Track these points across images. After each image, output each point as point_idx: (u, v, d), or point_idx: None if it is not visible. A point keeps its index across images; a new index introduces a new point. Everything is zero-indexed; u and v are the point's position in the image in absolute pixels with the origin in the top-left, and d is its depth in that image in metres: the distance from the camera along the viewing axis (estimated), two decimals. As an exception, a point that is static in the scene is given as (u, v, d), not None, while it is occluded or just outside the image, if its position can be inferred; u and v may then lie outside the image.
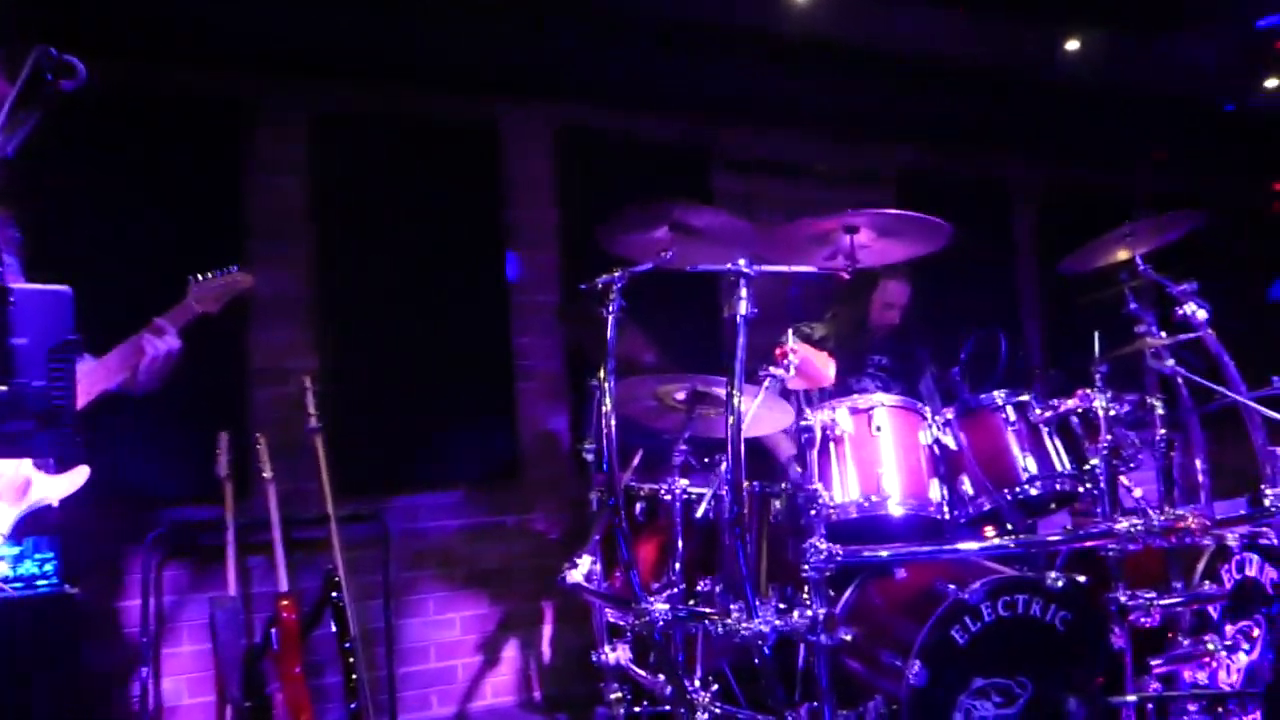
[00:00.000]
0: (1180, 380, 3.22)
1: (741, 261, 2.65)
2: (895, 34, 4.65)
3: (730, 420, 2.58)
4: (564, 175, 4.50)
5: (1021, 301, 5.76)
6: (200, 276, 2.46)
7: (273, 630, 3.20)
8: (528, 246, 4.37)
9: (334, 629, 3.28)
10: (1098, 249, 3.44)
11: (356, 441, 3.82)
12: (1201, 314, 3.24)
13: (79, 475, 1.89)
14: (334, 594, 3.24)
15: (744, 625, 2.54)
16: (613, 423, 2.81)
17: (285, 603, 3.18)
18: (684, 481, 3.20)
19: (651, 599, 2.85)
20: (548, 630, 4.21)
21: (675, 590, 3.03)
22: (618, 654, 3.47)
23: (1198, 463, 3.34)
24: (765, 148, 5.00)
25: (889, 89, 4.98)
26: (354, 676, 3.18)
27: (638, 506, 3.46)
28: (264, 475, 3.37)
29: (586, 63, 4.36)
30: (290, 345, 3.86)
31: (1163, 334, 3.19)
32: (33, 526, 1.79)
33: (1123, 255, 3.39)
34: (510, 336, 4.25)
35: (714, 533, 3.41)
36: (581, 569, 3.46)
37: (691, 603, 3.05)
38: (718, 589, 3.32)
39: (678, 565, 3.11)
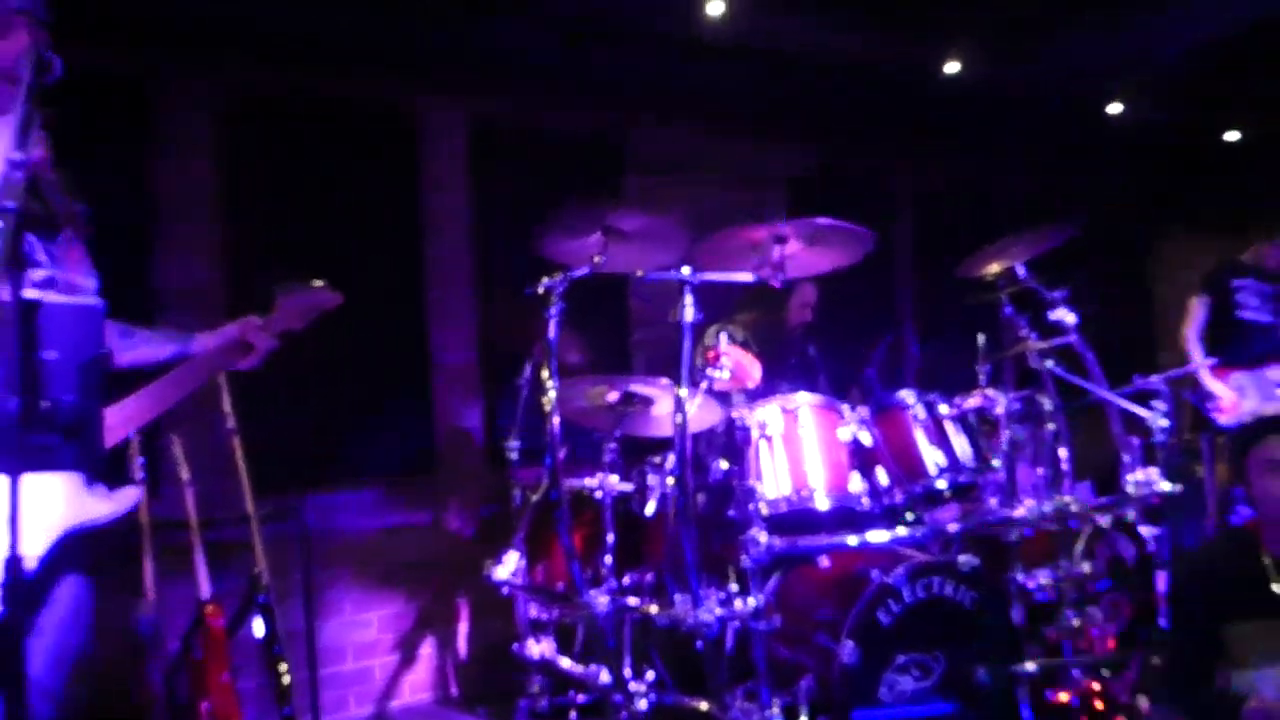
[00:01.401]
0: (1051, 379, 3.58)
1: (686, 269, 2.78)
2: (793, 36, 4.87)
3: (677, 419, 2.71)
4: (479, 169, 4.51)
5: (898, 303, 6.13)
6: (291, 289, 2.35)
7: (193, 638, 3.11)
8: (442, 239, 4.36)
9: (260, 633, 3.21)
10: (986, 255, 3.75)
11: (270, 438, 3.73)
12: (1071, 318, 3.61)
13: (129, 496, 1.82)
14: (260, 596, 3.18)
15: (690, 614, 2.68)
16: (557, 421, 2.90)
17: (210, 608, 3.10)
18: (614, 478, 3.32)
19: (591, 591, 2.96)
20: (463, 627, 4.23)
21: (610, 583, 3.14)
22: (541, 647, 3.56)
23: (1062, 452, 3.70)
24: (673, 148, 5.13)
25: (785, 90, 5.20)
26: (284, 681, 3.13)
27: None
28: (182, 477, 3.26)
29: (501, 56, 4.38)
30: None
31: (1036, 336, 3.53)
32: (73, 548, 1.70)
33: (1002, 264, 3.71)
34: (427, 330, 4.24)
35: (639, 526, 3.55)
36: (508, 565, 3.53)
37: (623, 595, 3.18)
38: (646, 579, 3.47)
39: (609, 558, 3.23)
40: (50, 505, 1.36)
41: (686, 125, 5.12)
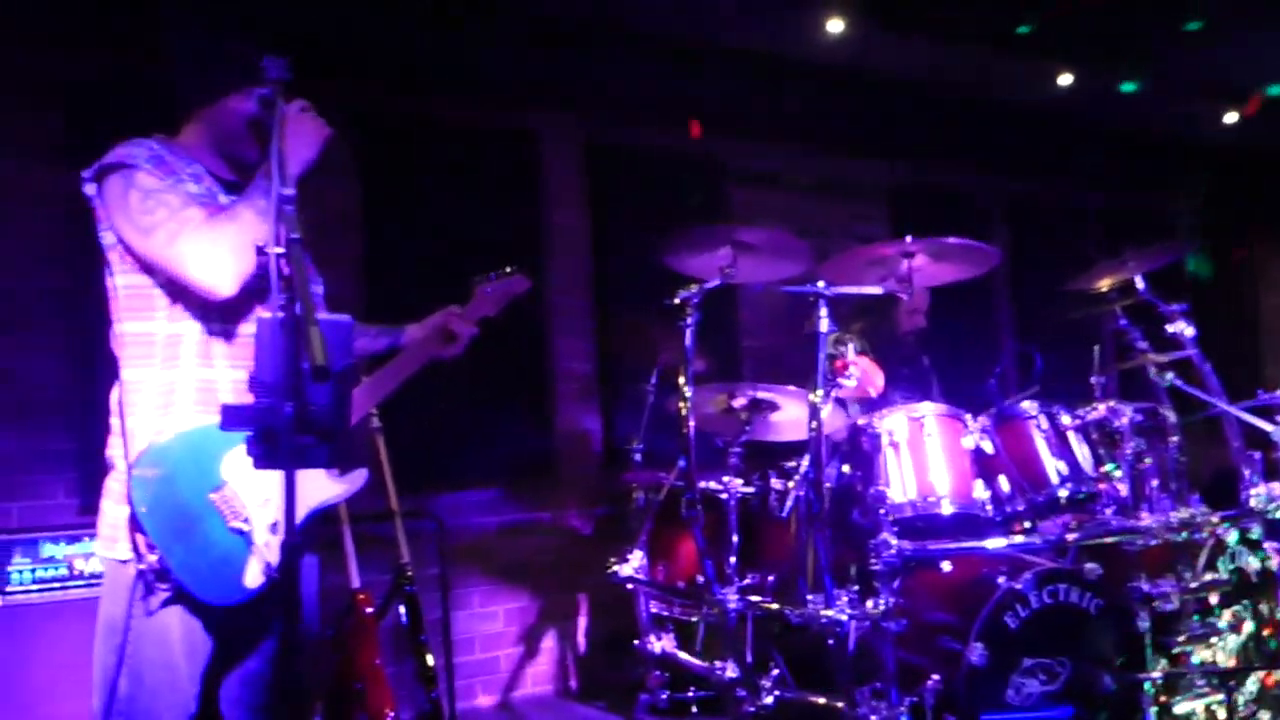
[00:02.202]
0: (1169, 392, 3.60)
1: (820, 283, 2.91)
2: (894, 57, 4.99)
3: (813, 425, 2.84)
4: (593, 186, 4.70)
5: (996, 315, 6.12)
6: (486, 278, 2.52)
7: (345, 623, 3.34)
8: (562, 253, 4.56)
9: (405, 621, 3.43)
10: (1101, 269, 3.80)
11: (406, 441, 3.96)
12: (1190, 331, 3.63)
13: (358, 477, 2.05)
14: (406, 587, 3.40)
15: (823, 613, 2.80)
16: (692, 426, 3.06)
17: (362, 597, 3.32)
18: (739, 481, 3.46)
19: (724, 590, 3.10)
20: (582, 622, 4.41)
21: (736, 582, 3.27)
22: (662, 643, 3.71)
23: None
24: (770, 163, 5.26)
25: (882, 110, 5.31)
26: (430, 666, 3.34)
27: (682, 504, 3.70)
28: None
29: (615, 82, 4.60)
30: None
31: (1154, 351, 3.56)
32: (310, 527, 1.93)
33: (1116, 278, 3.75)
34: (549, 339, 4.44)
35: (761, 528, 3.68)
36: (633, 563, 3.70)
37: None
38: (768, 580, 3.60)
39: (733, 559, 3.37)
40: (300, 488, 1.56)
41: (784, 141, 5.26)
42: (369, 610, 3.31)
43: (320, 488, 1.95)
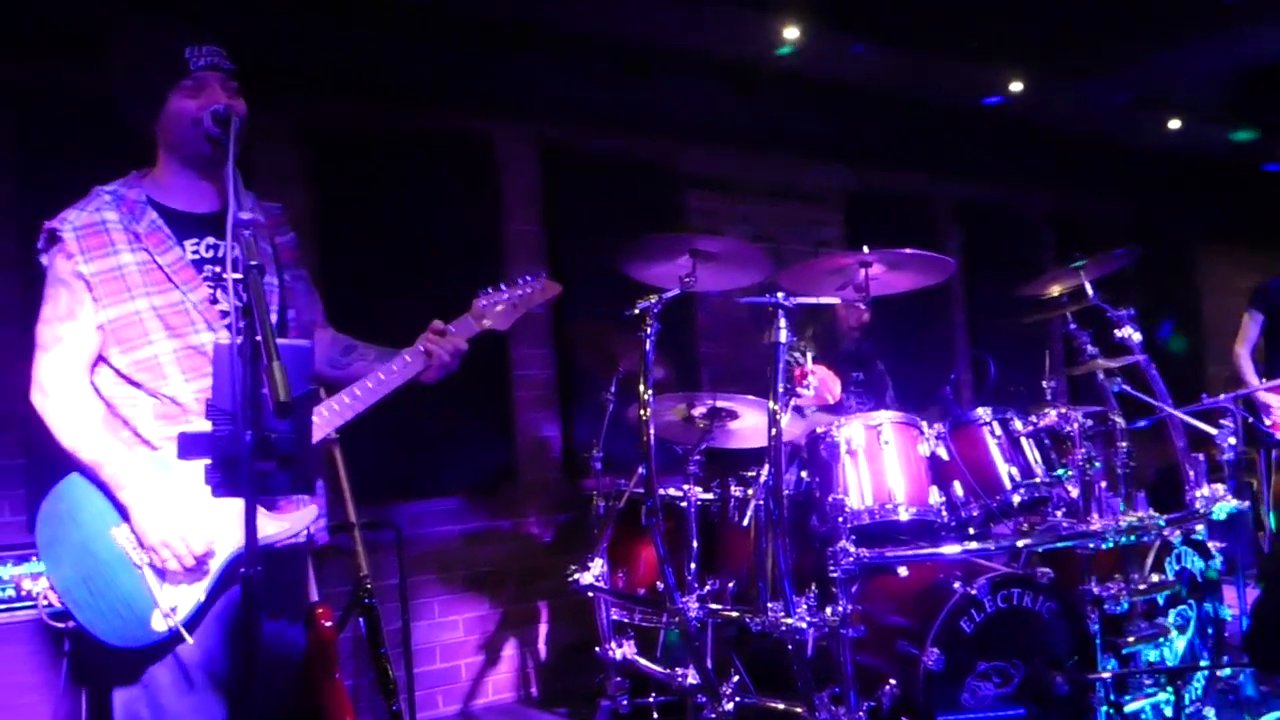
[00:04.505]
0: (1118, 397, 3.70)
1: (780, 294, 2.93)
2: (849, 65, 5.05)
3: (772, 433, 2.87)
4: (549, 192, 4.69)
5: (952, 318, 6.22)
6: (491, 290, 2.37)
7: (304, 638, 3.29)
8: (518, 259, 4.55)
9: (364, 633, 3.40)
10: (1051, 275, 3.89)
11: (364, 451, 3.92)
12: (1137, 337, 3.73)
13: (302, 519, 2.00)
14: (366, 599, 3.37)
15: (783, 621, 2.83)
16: (652, 434, 3.07)
17: (321, 610, 3.28)
18: (698, 488, 3.48)
19: (684, 597, 3.12)
20: (543, 629, 4.41)
21: (695, 589, 3.29)
22: (623, 649, 3.72)
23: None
24: (726, 168, 5.30)
25: (838, 116, 5.37)
26: (391, 677, 3.31)
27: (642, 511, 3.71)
28: (290, 487, 3.45)
29: (570, 87, 4.58)
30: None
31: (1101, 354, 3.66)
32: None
33: (1065, 284, 3.84)
34: (508, 346, 4.42)
35: (720, 535, 3.71)
36: (594, 571, 3.71)
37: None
38: (729, 586, 3.63)
39: (693, 566, 3.39)
40: (231, 525, 1.54)
41: (738, 147, 5.29)
42: (328, 624, 3.26)
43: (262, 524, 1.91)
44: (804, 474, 3.42)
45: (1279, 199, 6.92)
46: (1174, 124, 5.91)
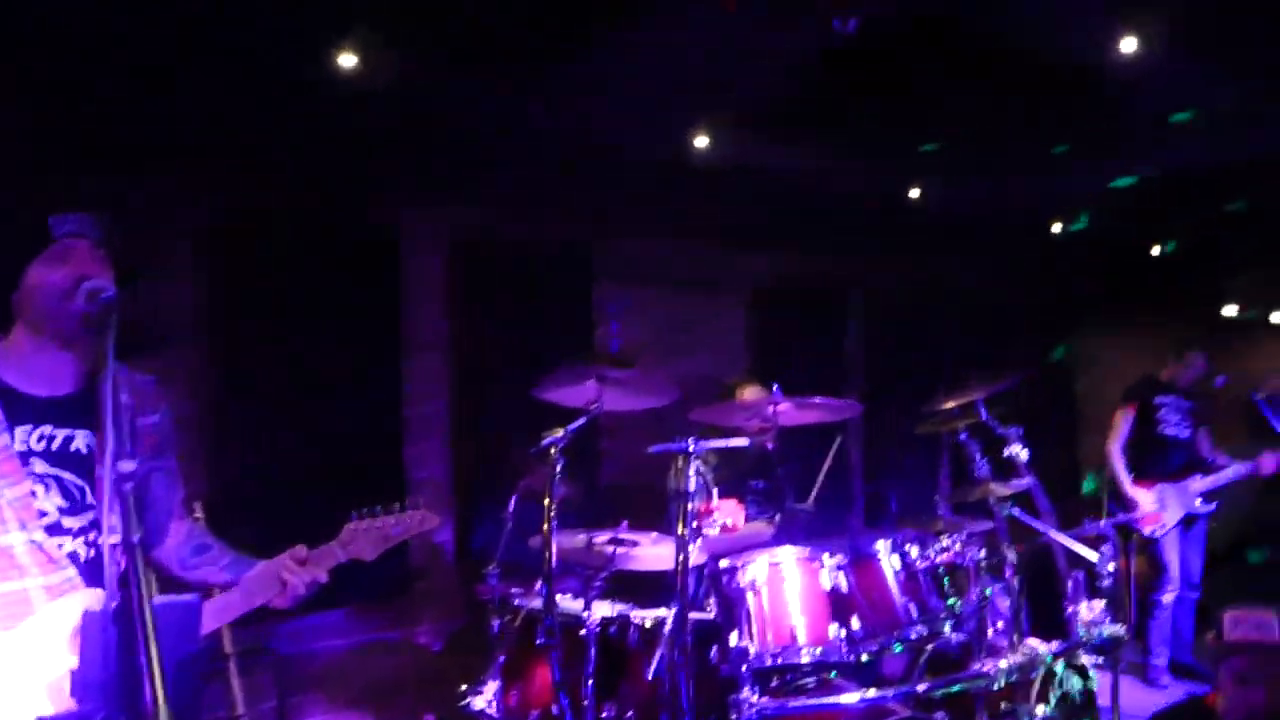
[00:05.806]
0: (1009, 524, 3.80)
1: (690, 441, 2.90)
2: (765, 161, 5.08)
3: (679, 567, 2.84)
4: (455, 281, 4.56)
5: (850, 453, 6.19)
6: (360, 513, 2.22)
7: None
8: (419, 350, 4.40)
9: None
10: (945, 393, 4.01)
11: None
12: (1024, 454, 3.86)
13: None
14: (242, 738, 3.16)
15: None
16: (553, 562, 3.02)
17: (192, 755, 3.06)
18: (599, 614, 3.41)
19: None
20: (433, 744, 4.24)
21: (590, 717, 3.22)
22: (518, 771, 3.60)
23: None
24: (638, 257, 5.26)
25: (751, 206, 5.41)
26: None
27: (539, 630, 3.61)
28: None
29: (481, 174, 4.47)
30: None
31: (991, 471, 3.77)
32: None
33: (959, 399, 3.95)
34: (401, 447, 4.26)
35: (619, 660, 3.63)
36: (486, 695, 3.59)
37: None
38: (627, 716, 3.55)
39: (590, 689, 3.31)
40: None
41: (654, 236, 5.27)
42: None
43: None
44: (710, 602, 3.39)
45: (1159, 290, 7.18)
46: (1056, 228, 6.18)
